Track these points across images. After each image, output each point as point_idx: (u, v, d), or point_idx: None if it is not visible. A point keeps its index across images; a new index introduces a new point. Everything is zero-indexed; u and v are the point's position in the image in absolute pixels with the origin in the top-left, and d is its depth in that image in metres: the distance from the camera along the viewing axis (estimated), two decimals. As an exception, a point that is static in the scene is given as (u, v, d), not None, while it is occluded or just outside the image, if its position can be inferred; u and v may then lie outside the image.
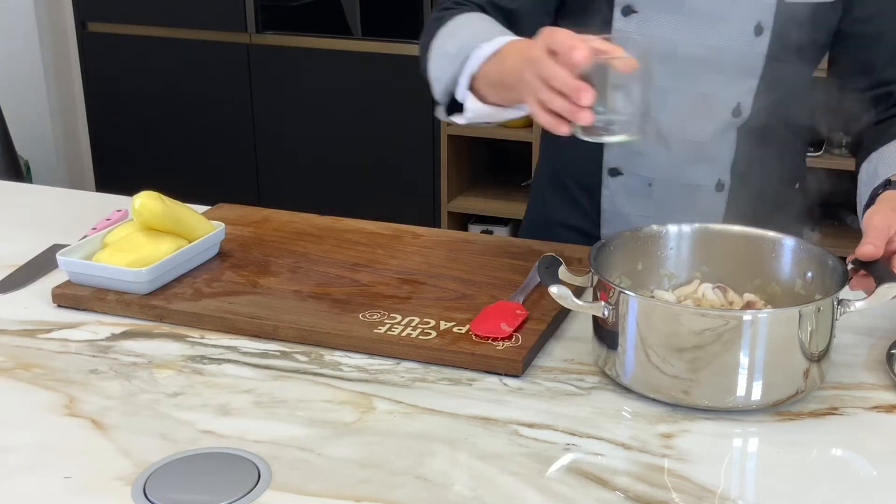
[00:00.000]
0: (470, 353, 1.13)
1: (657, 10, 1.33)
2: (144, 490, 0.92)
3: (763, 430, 1.03)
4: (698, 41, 1.33)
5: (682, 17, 1.32)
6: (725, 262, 1.19)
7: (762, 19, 1.31)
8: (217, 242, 1.40)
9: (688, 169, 1.41)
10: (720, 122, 1.37)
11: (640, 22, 1.34)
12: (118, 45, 3.60)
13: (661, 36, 1.33)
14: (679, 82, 1.36)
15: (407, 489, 0.93)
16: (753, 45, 1.33)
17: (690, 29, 1.33)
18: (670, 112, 1.36)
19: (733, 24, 1.32)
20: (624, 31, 1.34)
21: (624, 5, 1.34)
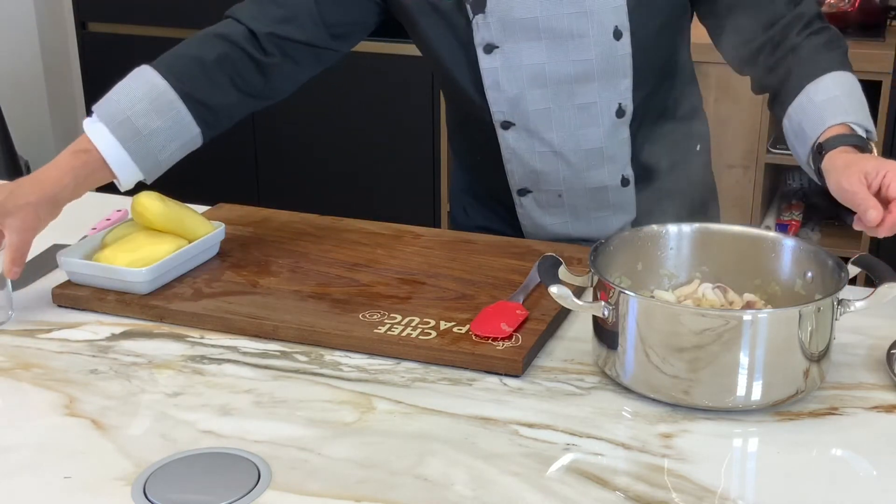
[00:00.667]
0: (470, 353, 1.13)
1: (517, 41, 1.36)
2: (144, 490, 0.92)
3: (763, 430, 1.03)
4: (564, 59, 1.36)
5: (542, 41, 1.35)
6: (725, 262, 1.19)
7: (618, 23, 1.34)
8: (217, 242, 1.40)
9: (591, 174, 1.44)
10: (607, 125, 1.40)
11: (505, 56, 1.36)
12: (118, 45, 3.60)
13: (528, 63, 1.36)
14: (558, 100, 1.38)
15: (407, 489, 0.93)
16: (616, 49, 1.35)
17: (553, 51, 1.35)
18: (557, 129, 1.40)
19: (593, 37, 1.34)
20: (490, 67, 1.37)
21: (485, 44, 1.36)
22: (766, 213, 3.00)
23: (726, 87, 2.80)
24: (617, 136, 1.41)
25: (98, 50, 3.65)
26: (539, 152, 1.42)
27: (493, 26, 1.35)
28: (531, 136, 1.41)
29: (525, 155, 1.43)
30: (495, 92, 1.39)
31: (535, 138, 1.41)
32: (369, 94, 3.36)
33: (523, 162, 1.44)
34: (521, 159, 1.44)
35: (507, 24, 1.35)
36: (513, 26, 1.35)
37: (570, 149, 1.41)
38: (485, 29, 1.36)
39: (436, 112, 3.30)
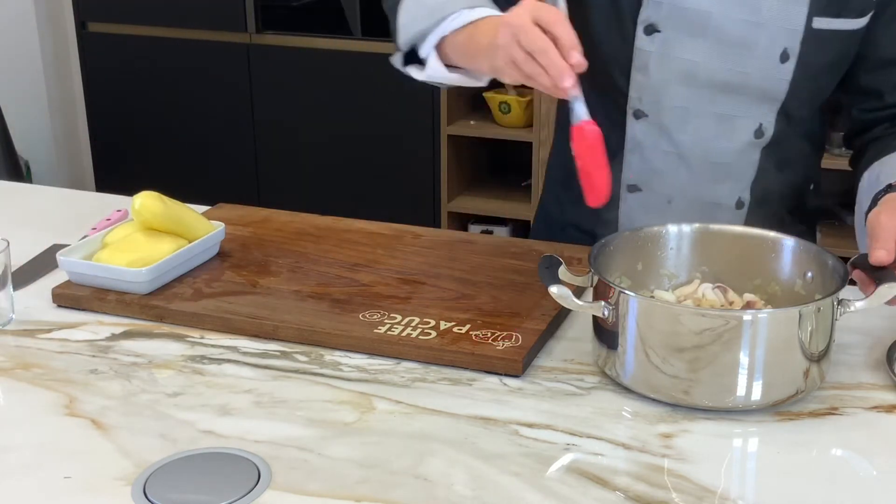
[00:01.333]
0: (470, 353, 1.13)
1: (681, 32, 1.30)
2: (144, 490, 0.92)
3: (763, 430, 1.03)
4: (722, 66, 1.30)
5: (707, 40, 1.29)
6: (725, 262, 1.19)
7: (789, 46, 1.29)
8: (217, 242, 1.40)
9: (708, 187, 1.39)
10: (742, 143, 1.36)
11: (663, 42, 1.31)
12: (118, 45, 3.60)
13: (683, 57, 1.31)
14: (699, 103, 1.34)
15: (407, 489, 0.93)
16: (778, 72, 1.30)
17: (714, 53, 1.30)
18: (691, 133, 1.35)
19: (759, 51, 1.29)
20: (645, 49, 1.31)
21: (647, 24, 1.30)
22: (767, 213, 3.00)
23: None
24: (747, 155, 1.37)
25: (98, 50, 3.65)
26: (664, 151, 1.37)
27: (664, 8, 1.29)
28: (661, 132, 1.36)
29: (648, 151, 1.37)
30: (642, 76, 1.33)
31: (665, 136, 1.35)
32: (369, 94, 3.36)
33: (644, 157, 1.38)
34: (643, 154, 1.38)
35: (676, 10, 1.29)
36: (682, 14, 1.29)
37: (697, 156, 1.36)
38: (654, 8, 1.29)
39: (436, 112, 3.30)
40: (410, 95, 3.30)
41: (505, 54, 1.12)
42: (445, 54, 1.27)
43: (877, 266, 1.08)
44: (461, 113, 3.38)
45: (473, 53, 1.22)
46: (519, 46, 1.10)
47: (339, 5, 3.36)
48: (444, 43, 1.26)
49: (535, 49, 1.09)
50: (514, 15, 1.12)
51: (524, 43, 1.09)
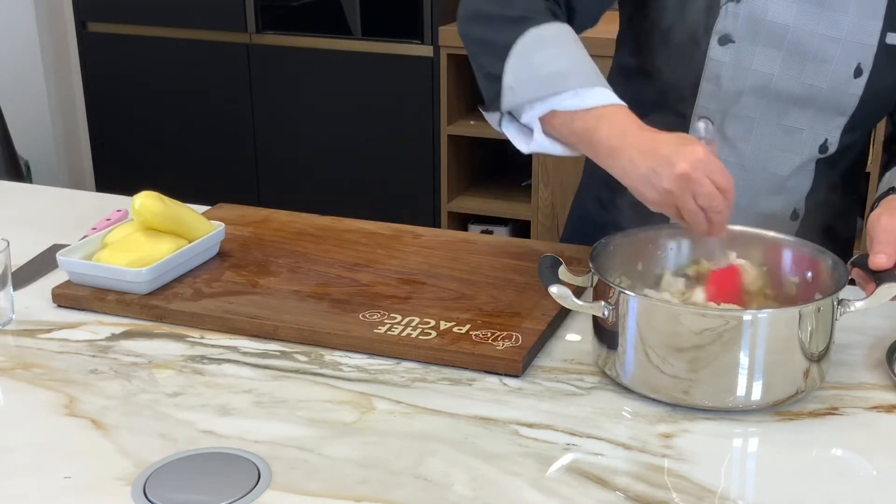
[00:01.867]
0: (470, 353, 1.13)
1: (756, 44, 1.29)
2: (144, 490, 0.92)
3: (763, 430, 1.03)
4: (796, 78, 1.29)
5: (782, 53, 1.28)
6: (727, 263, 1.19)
7: (862, 61, 1.28)
8: (217, 242, 1.40)
9: (766, 198, 1.38)
10: (806, 157, 1.35)
11: (737, 52, 1.29)
12: (118, 45, 3.60)
13: (756, 69, 1.30)
14: (766, 115, 1.33)
15: (407, 489, 0.93)
16: (851, 87, 1.29)
17: (788, 66, 1.29)
18: (753, 143, 1.34)
19: (833, 66, 1.28)
20: (718, 59, 1.30)
21: (722, 34, 1.29)
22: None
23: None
24: (806, 168, 1.35)
25: (98, 50, 3.65)
26: (724, 160, 1.30)
27: (741, 19, 1.28)
28: (724, 141, 1.34)
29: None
30: (712, 86, 1.32)
31: (728, 145, 1.34)
32: (369, 94, 3.36)
33: None
34: None
35: (754, 22, 1.28)
36: (759, 27, 1.28)
37: (758, 167, 1.35)
38: (731, 19, 1.28)
39: (436, 112, 3.30)
40: (410, 95, 3.30)
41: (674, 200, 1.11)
42: (552, 125, 1.22)
43: None
44: (461, 113, 3.38)
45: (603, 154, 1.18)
46: (693, 200, 1.10)
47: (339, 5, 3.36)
48: (554, 118, 1.21)
49: (711, 208, 1.09)
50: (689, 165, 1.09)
51: (701, 201, 1.09)
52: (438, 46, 3.18)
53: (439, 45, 3.18)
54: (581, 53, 1.22)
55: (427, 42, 3.20)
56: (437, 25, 3.17)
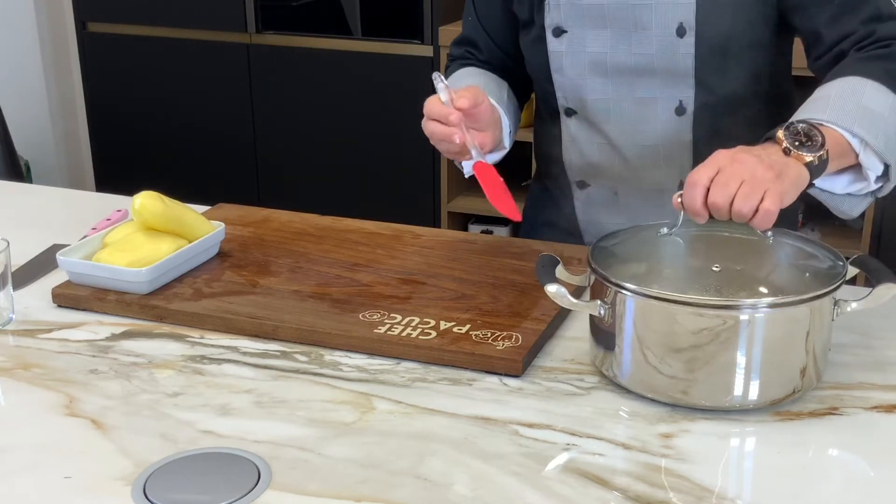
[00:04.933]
0: (470, 353, 1.13)
1: (584, 28, 1.37)
2: (144, 490, 0.92)
3: (763, 430, 1.03)
4: (627, 51, 1.36)
5: (607, 30, 1.36)
6: (726, 262, 1.19)
7: (684, 20, 1.33)
8: (217, 242, 1.40)
9: (648, 174, 1.43)
10: (665, 123, 1.39)
11: (571, 40, 1.39)
12: (118, 45, 3.60)
13: (591, 51, 1.38)
14: (618, 92, 1.39)
15: (407, 489, 0.93)
16: (679, 47, 1.34)
17: (617, 41, 1.36)
18: (615, 121, 1.40)
19: (655, 30, 1.34)
20: (557, 50, 1.40)
21: (554, 27, 1.39)
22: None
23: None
24: (677, 136, 1.39)
25: (98, 50, 3.65)
26: (597, 143, 1.43)
27: (563, 9, 1.38)
28: (591, 126, 1.42)
29: (584, 145, 1.44)
30: (560, 76, 1.41)
31: (594, 129, 1.41)
32: (369, 94, 3.36)
33: (582, 152, 1.45)
34: (579, 149, 1.45)
35: (575, 9, 1.37)
36: (580, 11, 1.37)
37: (628, 143, 1.41)
38: (555, 11, 1.38)
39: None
40: (410, 95, 3.30)
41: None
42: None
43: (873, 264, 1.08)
44: (461, 113, 3.37)
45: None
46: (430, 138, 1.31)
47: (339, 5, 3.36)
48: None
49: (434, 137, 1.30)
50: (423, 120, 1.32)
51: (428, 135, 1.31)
52: (438, 46, 3.18)
53: (439, 46, 3.18)
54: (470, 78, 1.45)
55: (427, 42, 3.20)
56: (437, 25, 3.17)
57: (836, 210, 1.26)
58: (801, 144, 1.12)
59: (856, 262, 1.11)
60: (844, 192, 1.24)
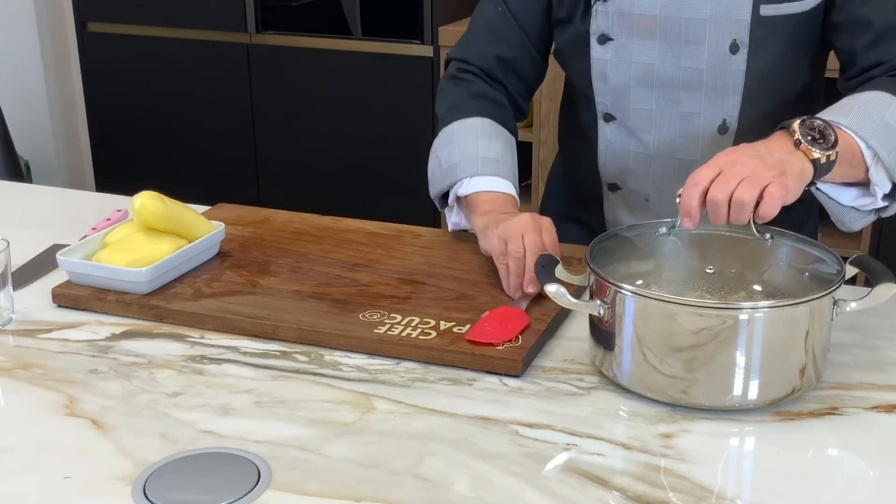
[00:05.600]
0: (470, 353, 1.13)
1: (631, 37, 1.36)
2: (144, 490, 0.92)
3: (763, 430, 1.03)
4: (675, 64, 1.35)
5: (656, 41, 1.35)
6: (725, 262, 1.19)
7: (737, 37, 1.32)
8: (217, 242, 1.41)
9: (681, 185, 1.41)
10: (707, 139, 1.38)
11: (617, 49, 1.37)
12: (118, 45, 3.60)
13: (638, 61, 1.37)
14: (662, 104, 1.38)
15: (407, 489, 0.93)
16: (731, 63, 1.33)
17: (666, 53, 1.35)
18: (656, 132, 1.39)
19: (708, 45, 1.33)
20: (600, 58, 1.38)
21: (599, 34, 1.38)
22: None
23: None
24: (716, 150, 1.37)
25: (98, 50, 3.65)
26: (634, 152, 1.42)
27: (612, 17, 1.36)
28: (629, 133, 1.41)
29: (620, 152, 1.44)
30: (601, 83, 1.40)
31: (633, 137, 1.41)
32: (369, 94, 3.36)
33: (617, 158, 1.45)
34: (615, 155, 1.44)
35: (624, 17, 1.35)
36: (630, 20, 1.35)
37: (666, 155, 1.40)
38: (603, 18, 1.36)
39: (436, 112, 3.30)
40: (410, 95, 3.30)
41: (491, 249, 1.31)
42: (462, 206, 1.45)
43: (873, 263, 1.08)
44: (461, 113, 3.37)
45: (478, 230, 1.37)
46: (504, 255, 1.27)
47: (339, 5, 3.36)
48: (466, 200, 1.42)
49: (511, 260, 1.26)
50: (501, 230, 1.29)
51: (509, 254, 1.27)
52: (438, 46, 3.18)
53: (439, 45, 3.17)
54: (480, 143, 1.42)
55: (427, 42, 3.20)
56: (437, 25, 3.17)
57: (837, 221, 1.27)
58: (814, 140, 1.12)
59: (855, 262, 1.11)
60: (850, 204, 1.25)
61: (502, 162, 1.42)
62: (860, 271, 1.10)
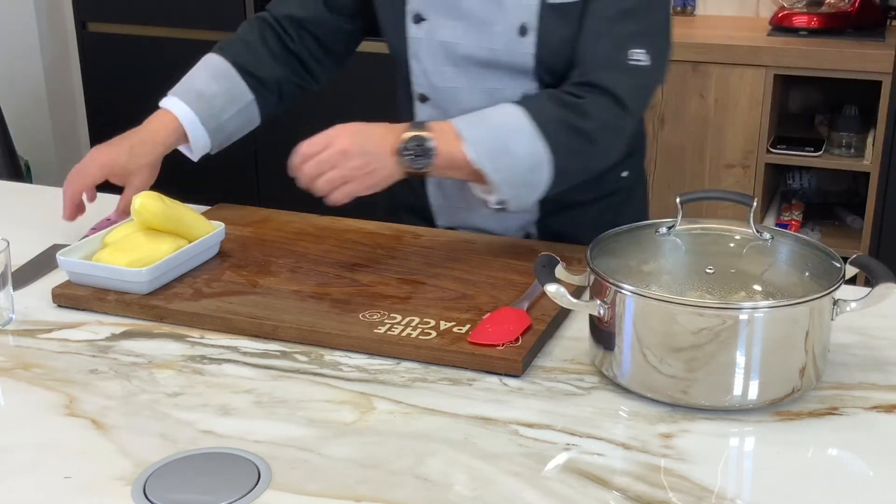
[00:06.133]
0: (470, 353, 1.13)
1: (441, 17, 1.42)
2: (144, 490, 0.92)
3: (763, 430, 1.03)
4: (476, 44, 1.41)
5: (460, 22, 1.41)
6: (725, 262, 1.19)
7: (526, 21, 1.37)
8: (217, 242, 1.40)
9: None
10: None
11: (429, 28, 1.43)
12: (118, 45, 3.60)
13: (444, 40, 1.43)
14: (467, 81, 1.44)
15: (407, 489, 0.93)
16: (521, 46, 1.38)
17: (468, 32, 1.41)
18: (465, 110, 1.40)
19: (500, 27, 1.39)
20: (415, 37, 1.45)
21: (414, 13, 1.44)
22: (766, 213, 3.00)
23: (726, 87, 2.80)
24: None
25: (98, 50, 3.65)
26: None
27: None
28: (443, 113, 1.45)
29: None
30: (416, 62, 1.47)
31: (445, 116, 1.42)
32: (369, 94, 3.36)
33: None
34: None
35: None
36: (439, 1, 1.42)
37: None
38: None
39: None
40: (410, 95, 3.30)
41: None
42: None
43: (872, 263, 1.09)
44: (461, 113, 3.37)
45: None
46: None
47: (339, 5, 3.36)
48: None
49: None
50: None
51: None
52: (438, 46, 3.18)
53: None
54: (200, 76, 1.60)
55: (427, 42, 3.20)
56: (436, 25, 3.17)
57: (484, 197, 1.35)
58: (415, 156, 1.28)
59: (855, 262, 1.11)
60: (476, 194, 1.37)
61: (206, 98, 1.53)
62: (860, 271, 1.10)
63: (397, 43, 1.48)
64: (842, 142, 2.86)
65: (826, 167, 2.92)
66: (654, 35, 1.37)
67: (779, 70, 2.75)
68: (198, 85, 1.55)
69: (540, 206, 1.48)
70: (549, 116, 1.31)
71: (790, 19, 2.87)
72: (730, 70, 2.79)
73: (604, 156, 1.39)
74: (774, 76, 2.75)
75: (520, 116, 1.31)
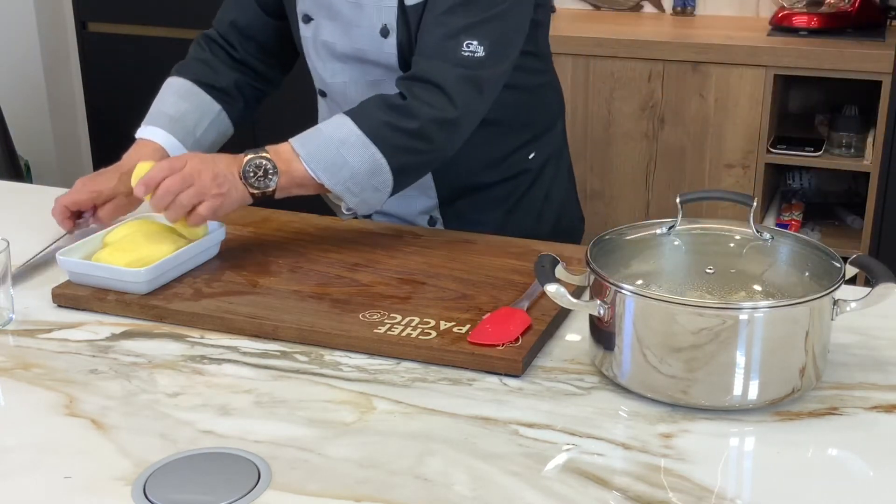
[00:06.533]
0: (470, 353, 1.13)
1: (322, 17, 1.49)
2: (144, 490, 0.92)
3: (763, 430, 1.03)
4: (348, 43, 1.47)
5: (336, 22, 1.47)
6: (725, 262, 1.19)
7: (387, 22, 1.42)
8: (217, 242, 1.40)
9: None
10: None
11: (315, 28, 1.50)
12: (118, 45, 3.60)
13: (326, 39, 1.49)
14: (352, 76, 1.50)
15: (407, 489, 0.93)
16: (384, 46, 1.44)
17: (343, 33, 1.47)
18: (353, 103, 1.42)
19: (365, 29, 1.45)
20: (304, 36, 1.52)
21: (303, 14, 1.51)
22: (766, 213, 3.00)
23: (726, 87, 2.80)
24: None
25: (98, 50, 3.65)
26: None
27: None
28: (338, 107, 1.50)
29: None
30: (309, 60, 1.54)
31: (340, 109, 1.45)
32: (369, 94, 3.36)
33: None
34: None
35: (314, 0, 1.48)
36: (318, 3, 1.48)
37: None
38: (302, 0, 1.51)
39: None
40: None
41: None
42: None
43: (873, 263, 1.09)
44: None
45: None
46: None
47: (339, 5, 3.36)
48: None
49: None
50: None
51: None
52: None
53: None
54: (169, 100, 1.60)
55: (427, 42, 3.20)
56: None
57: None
58: (256, 177, 1.34)
59: (855, 262, 1.11)
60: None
61: (177, 119, 1.56)
62: (860, 271, 1.10)
63: (296, 41, 1.56)
64: (842, 142, 2.86)
65: (826, 167, 2.91)
66: (492, 26, 1.37)
67: (779, 70, 2.75)
68: (167, 109, 1.58)
69: (437, 193, 1.54)
70: (376, 122, 1.35)
71: (790, 19, 2.87)
72: (730, 70, 2.79)
73: (442, 148, 1.39)
74: (774, 76, 2.75)
75: (350, 126, 1.34)
